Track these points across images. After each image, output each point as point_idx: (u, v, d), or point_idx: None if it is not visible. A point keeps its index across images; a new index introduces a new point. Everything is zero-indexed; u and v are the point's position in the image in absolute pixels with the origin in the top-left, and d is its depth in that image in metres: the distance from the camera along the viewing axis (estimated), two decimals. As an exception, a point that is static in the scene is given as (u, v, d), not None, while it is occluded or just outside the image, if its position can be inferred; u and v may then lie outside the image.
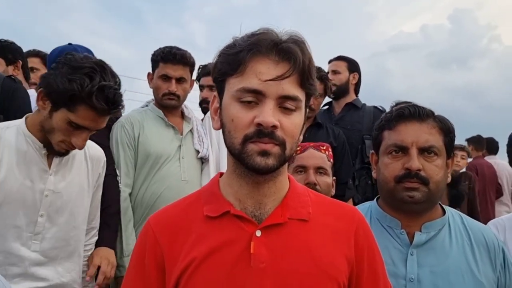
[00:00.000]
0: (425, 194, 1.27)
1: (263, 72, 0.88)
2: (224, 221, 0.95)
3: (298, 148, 1.83)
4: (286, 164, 0.98)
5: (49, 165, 1.61)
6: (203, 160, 2.44)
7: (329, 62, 3.42)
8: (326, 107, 3.48)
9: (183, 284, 0.92)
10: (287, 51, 0.89)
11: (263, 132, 0.87)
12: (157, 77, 2.36)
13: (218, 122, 0.97)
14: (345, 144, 2.85)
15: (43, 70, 2.93)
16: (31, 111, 1.82)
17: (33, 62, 2.98)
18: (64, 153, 1.62)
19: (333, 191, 1.88)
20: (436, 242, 1.29)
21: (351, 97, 3.35)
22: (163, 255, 0.96)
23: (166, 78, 2.33)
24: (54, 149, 1.58)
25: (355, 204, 2.74)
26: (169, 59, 2.30)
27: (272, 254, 0.91)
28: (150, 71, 2.45)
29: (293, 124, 0.90)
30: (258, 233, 0.92)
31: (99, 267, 1.85)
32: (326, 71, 3.29)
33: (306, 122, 2.74)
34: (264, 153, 0.87)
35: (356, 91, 3.41)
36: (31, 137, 1.58)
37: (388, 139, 1.35)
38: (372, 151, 1.44)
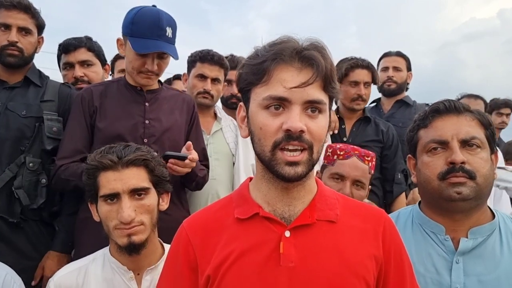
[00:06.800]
0: (473, 190, 1.17)
1: (287, 80, 0.91)
2: (254, 223, 0.98)
3: (341, 153, 1.76)
4: (314, 168, 0.99)
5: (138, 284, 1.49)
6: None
7: (386, 55, 3.26)
8: (373, 104, 3.36)
9: (216, 284, 0.95)
10: (309, 58, 0.91)
11: (292, 137, 0.90)
12: (193, 77, 2.44)
13: (246, 130, 1.01)
14: (394, 140, 2.70)
15: None
16: None
17: None
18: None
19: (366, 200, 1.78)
20: (485, 249, 1.20)
21: (401, 94, 3.24)
22: (196, 256, 1.00)
23: (202, 77, 2.40)
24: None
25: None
26: (207, 59, 2.38)
27: (301, 254, 0.93)
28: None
29: (319, 127, 0.93)
30: (287, 234, 0.95)
31: None
32: (377, 63, 3.24)
33: (354, 116, 2.69)
34: (292, 163, 0.91)
35: (406, 88, 3.29)
36: (115, 263, 1.48)
37: (425, 137, 1.27)
38: (409, 155, 1.36)
